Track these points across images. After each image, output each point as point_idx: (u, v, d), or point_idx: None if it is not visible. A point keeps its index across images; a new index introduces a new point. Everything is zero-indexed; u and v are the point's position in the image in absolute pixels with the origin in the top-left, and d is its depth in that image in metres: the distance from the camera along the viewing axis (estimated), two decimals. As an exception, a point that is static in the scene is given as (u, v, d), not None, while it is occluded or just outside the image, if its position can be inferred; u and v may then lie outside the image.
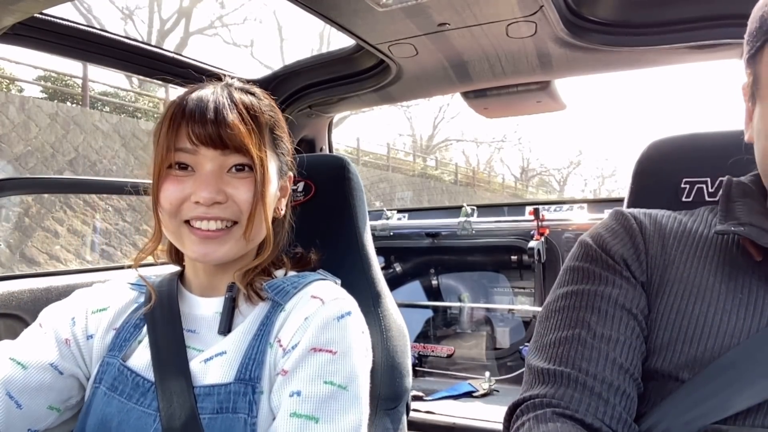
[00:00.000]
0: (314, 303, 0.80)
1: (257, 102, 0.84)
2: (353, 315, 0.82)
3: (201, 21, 26.75)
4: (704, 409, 0.58)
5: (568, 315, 0.67)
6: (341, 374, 0.75)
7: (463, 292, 2.42)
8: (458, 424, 1.69)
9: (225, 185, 0.78)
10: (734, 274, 0.64)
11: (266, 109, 0.85)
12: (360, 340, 0.81)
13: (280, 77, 1.57)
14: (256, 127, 0.80)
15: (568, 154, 56.71)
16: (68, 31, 1.13)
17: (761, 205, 0.67)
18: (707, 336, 0.61)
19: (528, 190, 31.63)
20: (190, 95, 0.80)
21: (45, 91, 10.26)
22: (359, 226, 1.08)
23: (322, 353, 0.76)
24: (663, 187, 0.90)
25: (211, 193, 0.76)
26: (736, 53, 1.21)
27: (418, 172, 21.43)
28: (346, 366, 0.77)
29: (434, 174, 22.42)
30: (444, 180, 22.51)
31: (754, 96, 0.64)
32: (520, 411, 0.63)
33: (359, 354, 0.79)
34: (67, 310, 0.87)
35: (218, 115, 0.77)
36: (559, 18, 1.12)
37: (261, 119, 0.82)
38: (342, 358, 0.77)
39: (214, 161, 0.78)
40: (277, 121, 0.87)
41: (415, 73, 1.40)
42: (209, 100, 0.79)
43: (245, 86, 0.86)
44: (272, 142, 0.85)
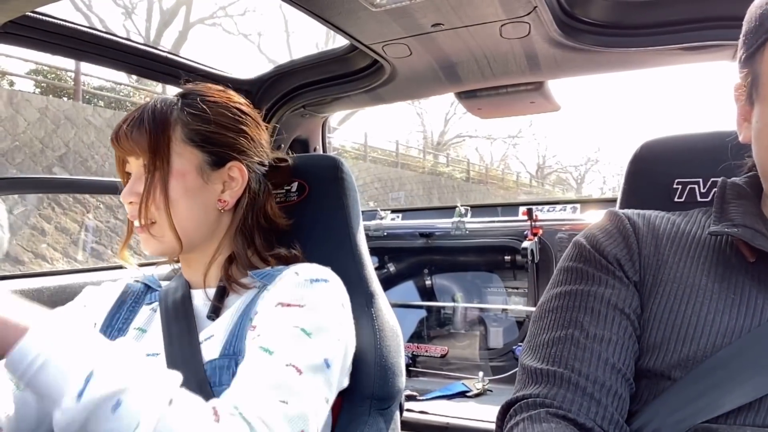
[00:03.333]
0: (291, 274, 0.83)
1: (163, 102, 0.88)
2: (330, 283, 0.84)
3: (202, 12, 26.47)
4: (695, 408, 0.58)
5: (562, 315, 0.67)
6: (308, 323, 0.76)
7: (457, 292, 2.42)
8: (452, 424, 1.69)
9: (140, 186, 0.84)
10: (727, 274, 0.64)
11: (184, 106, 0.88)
12: (334, 306, 0.82)
13: (273, 77, 1.56)
14: (154, 128, 0.84)
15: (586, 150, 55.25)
16: (60, 29, 1.12)
17: (755, 207, 0.68)
18: (700, 335, 0.61)
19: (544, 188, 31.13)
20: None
21: (37, 85, 10.16)
22: (353, 226, 1.08)
23: (290, 308, 0.78)
24: (655, 187, 0.90)
25: (124, 194, 0.85)
26: (726, 55, 1.22)
27: (429, 170, 20.96)
28: (314, 318, 0.78)
29: (445, 171, 22.04)
30: (455, 177, 22.09)
31: (752, 96, 0.64)
32: (514, 411, 0.63)
33: (332, 316, 0.80)
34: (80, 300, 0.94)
35: (125, 121, 0.86)
36: (552, 19, 1.13)
37: (163, 118, 0.85)
38: (311, 311, 0.78)
39: (134, 165, 0.86)
40: (199, 115, 0.87)
41: (409, 74, 1.40)
42: (132, 110, 0.88)
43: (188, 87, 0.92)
44: (188, 137, 0.86)
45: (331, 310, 0.81)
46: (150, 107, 0.86)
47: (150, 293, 0.94)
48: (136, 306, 0.92)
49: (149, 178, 0.83)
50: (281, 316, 0.77)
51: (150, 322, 0.89)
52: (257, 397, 0.68)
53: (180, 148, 0.85)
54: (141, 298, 0.94)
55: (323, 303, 0.80)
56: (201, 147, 0.87)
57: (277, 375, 0.71)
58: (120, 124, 0.86)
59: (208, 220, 0.88)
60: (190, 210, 0.85)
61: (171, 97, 0.90)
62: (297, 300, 0.79)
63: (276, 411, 0.67)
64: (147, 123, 0.84)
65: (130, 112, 0.88)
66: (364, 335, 1.00)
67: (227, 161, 0.89)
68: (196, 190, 0.86)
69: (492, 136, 29.06)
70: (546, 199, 2.52)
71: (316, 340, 0.75)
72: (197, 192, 0.86)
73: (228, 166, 0.89)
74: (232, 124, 0.89)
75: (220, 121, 0.88)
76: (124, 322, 0.90)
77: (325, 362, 0.75)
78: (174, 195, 0.83)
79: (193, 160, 0.86)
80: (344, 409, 0.96)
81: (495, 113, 1.71)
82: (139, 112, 0.86)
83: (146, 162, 0.84)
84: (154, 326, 0.88)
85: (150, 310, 0.91)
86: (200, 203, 0.86)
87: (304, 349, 0.74)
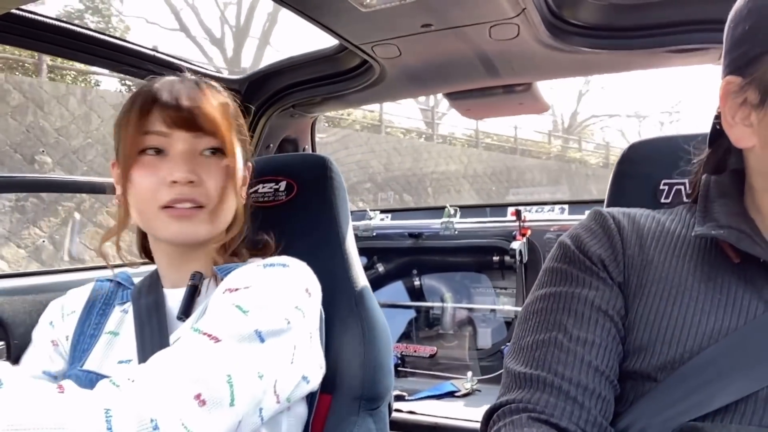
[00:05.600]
0: (250, 264, 0.82)
1: (219, 92, 0.88)
2: (289, 268, 0.80)
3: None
4: (682, 407, 0.58)
5: (545, 317, 0.66)
6: (247, 301, 0.72)
7: (446, 292, 2.42)
8: (440, 424, 1.69)
9: (197, 167, 0.80)
10: (713, 274, 0.64)
11: (229, 97, 0.89)
12: (288, 288, 0.77)
13: (262, 76, 1.56)
14: (224, 113, 0.84)
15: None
16: (45, 27, 1.11)
17: (739, 205, 0.67)
18: (686, 337, 0.61)
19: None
20: (155, 84, 0.83)
21: (122, 82, 10.14)
22: (342, 225, 1.07)
23: (235, 291, 0.74)
24: (642, 188, 0.91)
25: (186, 172, 0.78)
26: (712, 57, 1.23)
27: (555, 155, 19.17)
28: (256, 296, 0.73)
29: (576, 157, 19.94)
30: (589, 163, 20.17)
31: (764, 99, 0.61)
32: (497, 416, 0.63)
33: (280, 296, 0.75)
34: (45, 318, 0.91)
35: (192, 99, 0.80)
36: (541, 21, 1.13)
37: (226, 106, 0.86)
38: (254, 291, 0.74)
39: (187, 143, 0.80)
40: (238, 111, 0.90)
41: (399, 74, 1.40)
42: (180, 87, 0.82)
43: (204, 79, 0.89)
44: (237, 129, 0.87)
45: (282, 291, 0.76)
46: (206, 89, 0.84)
47: (121, 292, 0.91)
48: (107, 308, 0.89)
49: (231, 163, 0.83)
50: (223, 299, 0.73)
51: (122, 324, 0.86)
52: (152, 362, 0.63)
53: (235, 139, 0.86)
54: (112, 299, 0.90)
55: (272, 284, 0.76)
56: (242, 142, 0.89)
57: (185, 342, 0.66)
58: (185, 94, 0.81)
59: (233, 212, 0.87)
60: (232, 201, 0.85)
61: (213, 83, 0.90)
62: (243, 283, 0.75)
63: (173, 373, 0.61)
64: (226, 107, 0.85)
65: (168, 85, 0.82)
66: (352, 335, 1.00)
67: (247, 159, 0.92)
68: (238, 182, 0.86)
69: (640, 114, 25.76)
70: (535, 200, 2.52)
71: (250, 316, 0.70)
72: (238, 184, 0.87)
73: (249, 164, 0.93)
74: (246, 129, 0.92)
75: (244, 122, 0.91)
76: (95, 327, 0.87)
77: (257, 334, 0.69)
78: (230, 184, 0.83)
79: (239, 154, 0.87)
80: (333, 409, 0.96)
81: (484, 114, 1.71)
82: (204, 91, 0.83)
83: (219, 146, 0.83)
84: (126, 329, 0.84)
85: (121, 312, 0.87)
86: (236, 195, 0.86)
87: (232, 322, 0.69)
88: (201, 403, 0.60)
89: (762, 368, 0.57)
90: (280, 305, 0.74)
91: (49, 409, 0.53)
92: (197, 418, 0.60)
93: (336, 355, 0.97)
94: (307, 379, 0.80)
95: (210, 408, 0.61)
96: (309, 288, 0.81)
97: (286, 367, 0.73)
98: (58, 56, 1.23)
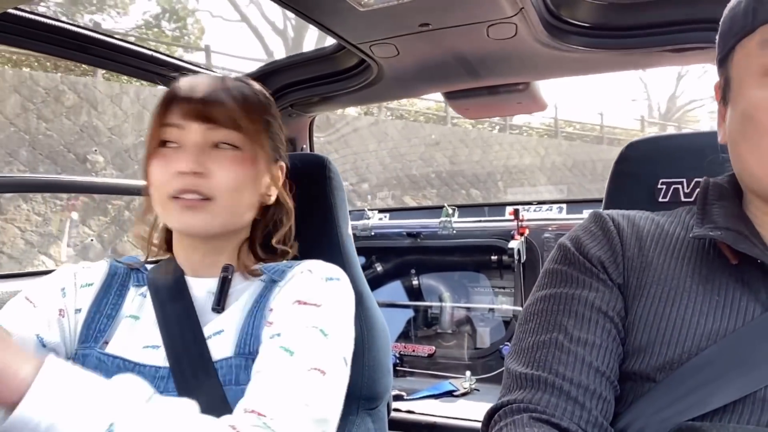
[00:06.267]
0: (305, 271, 0.83)
1: (248, 85, 0.87)
2: (342, 282, 0.84)
3: None
4: (681, 407, 0.59)
5: (546, 319, 0.67)
6: (326, 323, 0.76)
7: (444, 292, 2.42)
8: (439, 423, 1.69)
9: (208, 159, 0.80)
10: (711, 276, 0.65)
11: (258, 92, 0.88)
12: (347, 304, 0.82)
13: (260, 76, 1.56)
14: (246, 106, 0.83)
15: None
16: (47, 28, 1.11)
17: (737, 207, 0.68)
18: (684, 338, 0.62)
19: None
20: (183, 79, 0.85)
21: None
22: (340, 225, 1.08)
23: (307, 306, 0.77)
24: (640, 187, 0.91)
25: (190, 163, 0.78)
26: (711, 57, 1.23)
27: None
28: (331, 317, 0.77)
29: None
30: None
31: (726, 98, 0.66)
32: (498, 416, 0.63)
33: (345, 315, 0.81)
34: (56, 282, 0.86)
35: (207, 91, 0.81)
36: (538, 20, 1.13)
37: (252, 99, 0.85)
38: (327, 311, 0.78)
39: (199, 134, 0.80)
40: (269, 106, 0.90)
41: (397, 73, 1.40)
42: (202, 80, 0.83)
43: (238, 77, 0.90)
44: (265, 125, 0.86)
45: (345, 309, 0.81)
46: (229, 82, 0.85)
47: (135, 274, 0.89)
48: (123, 289, 0.87)
49: (237, 157, 0.82)
50: (299, 314, 0.76)
51: (142, 308, 0.84)
52: (281, 402, 0.67)
53: (262, 137, 0.86)
54: (127, 281, 0.88)
55: (338, 302, 0.81)
56: (270, 139, 0.88)
57: (302, 378, 0.70)
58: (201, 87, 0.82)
59: (253, 210, 0.88)
60: (248, 196, 0.85)
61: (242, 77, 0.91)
62: (314, 299, 0.78)
63: (302, 415, 0.67)
64: (238, 99, 0.83)
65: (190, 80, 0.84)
66: (351, 335, 1.00)
67: (278, 159, 0.91)
68: (258, 179, 0.86)
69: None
70: (533, 199, 2.52)
71: (333, 340, 0.75)
72: (258, 180, 0.86)
73: (279, 164, 0.91)
74: (280, 128, 0.92)
75: (277, 117, 0.91)
76: (113, 307, 0.84)
77: (344, 360, 0.76)
78: (245, 179, 0.82)
79: (265, 148, 0.87)
80: (331, 409, 0.96)
81: (483, 113, 1.71)
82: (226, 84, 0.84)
83: (235, 139, 0.82)
84: (146, 313, 0.83)
85: (139, 295, 0.86)
86: (255, 192, 0.86)
87: (325, 350, 0.74)
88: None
89: (760, 369, 0.58)
90: (348, 325, 0.80)
91: None
92: None
93: (334, 355, 0.97)
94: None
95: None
96: (352, 300, 0.85)
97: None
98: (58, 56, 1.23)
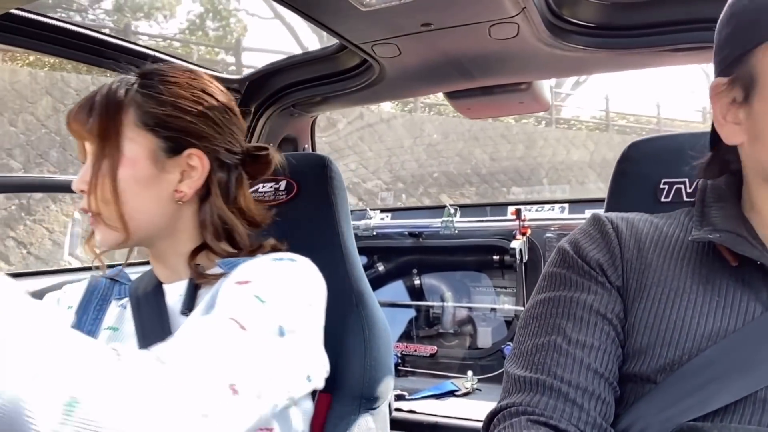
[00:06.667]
0: (258, 258, 0.79)
1: (120, 82, 0.81)
2: (297, 263, 0.78)
3: None
4: (681, 407, 0.59)
5: (545, 322, 0.67)
6: (263, 291, 0.70)
7: (446, 291, 2.42)
8: (441, 423, 1.69)
9: (90, 174, 0.78)
10: (711, 277, 0.65)
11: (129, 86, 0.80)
12: (298, 282, 0.76)
13: (262, 76, 1.56)
14: (102, 112, 0.78)
15: None
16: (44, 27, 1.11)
17: (736, 209, 0.68)
18: (685, 339, 0.62)
19: None
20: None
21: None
22: (342, 225, 1.08)
23: (247, 284, 0.72)
24: (642, 187, 0.91)
25: (75, 183, 0.80)
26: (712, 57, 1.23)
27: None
28: (271, 287, 0.72)
29: None
30: None
31: (749, 96, 0.63)
32: (497, 420, 0.63)
33: (294, 290, 0.74)
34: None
35: (79, 104, 0.80)
36: (540, 20, 1.13)
37: (110, 102, 0.79)
38: (267, 281, 0.72)
39: (81, 152, 0.82)
40: (154, 96, 0.80)
41: (398, 73, 1.40)
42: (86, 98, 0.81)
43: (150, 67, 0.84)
44: (141, 121, 0.79)
45: (294, 284, 0.75)
46: (105, 88, 0.79)
47: (118, 287, 0.89)
48: (104, 304, 0.87)
49: (97, 166, 0.77)
50: (237, 289, 0.71)
51: (121, 319, 0.84)
52: (181, 344, 0.61)
53: (132, 132, 0.78)
54: (108, 295, 0.88)
55: (284, 276, 0.75)
56: (155, 132, 0.79)
57: (214, 326, 0.64)
58: (74, 106, 0.80)
59: (164, 212, 0.81)
60: (142, 202, 0.78)
61: (130, 76, 0.82)
62: (255, 276, 0.73)
63: (198, 356, 0.59)
64: (98, 105, 0.78)
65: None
66: (353, 335, 1.00)
67: (184, 148, 0.80)
68: (149, 180, 0.79)
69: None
70: (535, 199, 2.52)
71: (270, 306, 0.69)
72: (149, 182, 0.79)
73: (186, 153, 0.80)
74: (191, 107, 0.80)
75: (177, 103, 0.80)
76: (92, 323, 0.85)
77: (279, 329, 0.68)
78: (123, 185, 0.77)
79: (146, 146, 0.79)
80: (333, 408, 0.96)
81: (485, 113, 1.71)
82: (94, 93, 0.80)
83: (94, 148, 0.78)
84: (126, 324, 0.83)
85: (119, 306, 0.86)
86: (154, 194, 0.79)
87: (255, 312, 0.67)
88: (233, 393, 0.60)
89: (760, 369, 0.58)
90: (295, 300, 0.73)
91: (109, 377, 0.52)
92: (232, 407, 0.59)
93: (336, 354, 0.97)
94: (310, 378, 0.79)
95: (242, 399, 0.60)
96: (316, 284, 0.79)
97: (296, 364, 0.72)
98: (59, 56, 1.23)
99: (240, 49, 12.06)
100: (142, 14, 13.31)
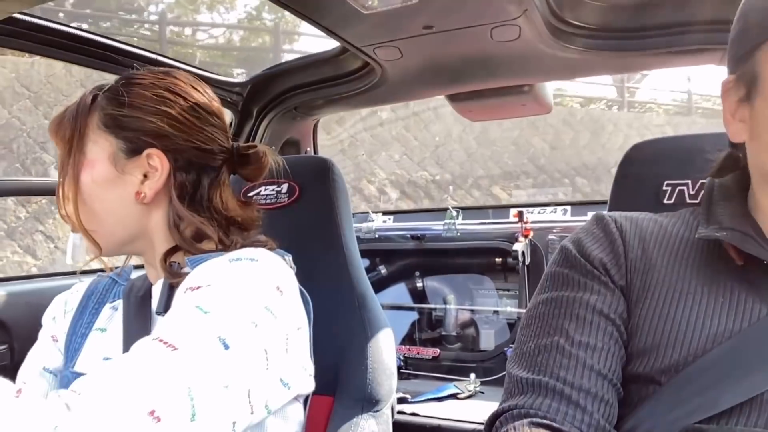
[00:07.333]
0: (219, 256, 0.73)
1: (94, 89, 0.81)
2: (258, 262, 0.71)
3: None
4: (687, 409, 0.58)
5: (547, 322, 0.66)
6: (208, 300, 0.64)
7: (448, 294, 2.41)
8: (443, 426, 1.69)
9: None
10: (716, 277, 0.64)
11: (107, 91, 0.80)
12: (255, 285, 0.69)
13: (264, 79, 1.56)
14: (71, 116, 0.79)
15: None
16: (46, 31, 1.12)
17: (743, 207, 0.67)
18: (690, 340, 0.61)
19: None
20: None
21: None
22: (344, 227, 1.08)
23: (195, 291, 0.66)
24: (645, 189, 0.91)
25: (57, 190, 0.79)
26: (713, 58, 1.23)
27: None
28: (218, 295, 0.65)
29: None
30: None
31: (750, 94, 0.63)
32: (499, 422, 0.63)
33: (246, 295, 0.67)
34: (49, 312, 0.91)
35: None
36: (542, 22, 1.13)
37: (84, 106, 0.79)
38: (216, 289, 0.66)
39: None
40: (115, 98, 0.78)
41: (400, 76, 1.41)
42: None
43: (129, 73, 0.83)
44: (103, 123, 0.78)
45: (248, 290, 0.68)
46: (82, 95, 0.80)
47: (115, 289, 0.89)
48: (99, 306, 0.88)
49: (64, 171, 0.77)
50: (183, 300, 0.66)
51: (110, 320, 0.84)
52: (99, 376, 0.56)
53: (95, 135, 0.78)
54: (104, 297, 0.89)
55: (237, 281, 0.68)
56: (115, 133, 0.77)
57: (136, 352, 0.59)
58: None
59: (131, 213, 0.78)
60: (107, 204, 0.77)
61: (107, 82, 0.82)
62: (206, 281, 0.67)
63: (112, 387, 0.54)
64: (69, 112, 0.79)
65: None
66: (355, 337, 1.00)
67: (143, 148, 0.77)
68: (109, 182, 0.77)
69: None
70: (537, 201, 2.52)
71: (211, 318, 0.62)
72: (110, 183, 0.77)
73: (145, 153, 0.77)
74: (150, 106, 0.78)
75: (135, 103, 0.78)
76: (87, 326, 0.85)
77: (220, 341, 0.61)
78: (85, 188, 0.76)
79: (106, 148, 0.77)
80: (335, 410, 0.96)
81: (487, 115, 1.71)
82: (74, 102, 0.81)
83: (62, 153, 0.78)
84: (113, 325, 0.83)
85: (111, 308, 0.86)
86: (116, 196, 0.78)
87: (191, 326, 0.61)
88: (156, 420, 0.54)
89: (766, 370, 0.57)
90: (245, 306, 0.66)
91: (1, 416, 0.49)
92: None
93: (339, 357, 0.97)
94: (287, 384, 0.73)
95: (166, 425, 0.55)
96: (281, 285, 0.72)
97: (259, 374, 0.66)
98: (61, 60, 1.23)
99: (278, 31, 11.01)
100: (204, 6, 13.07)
